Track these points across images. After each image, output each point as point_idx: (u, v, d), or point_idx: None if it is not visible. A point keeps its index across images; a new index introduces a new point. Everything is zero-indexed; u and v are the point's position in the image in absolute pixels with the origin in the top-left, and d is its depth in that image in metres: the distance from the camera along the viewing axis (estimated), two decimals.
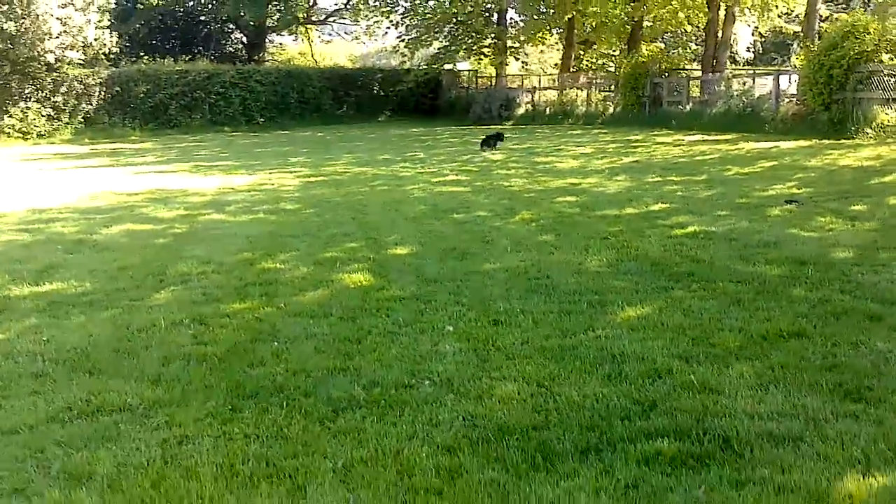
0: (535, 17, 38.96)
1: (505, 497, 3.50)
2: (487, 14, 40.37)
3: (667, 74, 29.25)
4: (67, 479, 3.74)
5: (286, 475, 3.72)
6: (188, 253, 8.86)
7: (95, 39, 32.27)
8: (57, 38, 30.63)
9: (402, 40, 42.00)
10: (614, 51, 41.22)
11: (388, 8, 43.69)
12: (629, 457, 3.77)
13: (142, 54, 37.46)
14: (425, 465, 3.76)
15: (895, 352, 5.06)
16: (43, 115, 31.48)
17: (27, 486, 3.71)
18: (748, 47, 41.22)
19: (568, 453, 3.83)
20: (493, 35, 40.65)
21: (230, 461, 3.84)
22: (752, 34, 38.56)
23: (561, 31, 39.51)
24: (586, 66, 41.35)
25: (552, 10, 36.89)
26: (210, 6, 48.84)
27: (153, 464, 3.86)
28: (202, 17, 50.00)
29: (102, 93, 33.29)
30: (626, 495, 3.49)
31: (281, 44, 57.43)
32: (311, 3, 51.95)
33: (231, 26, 50.94)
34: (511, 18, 41.82)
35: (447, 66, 42.25)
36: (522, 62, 46.51)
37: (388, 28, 46.02)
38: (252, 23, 47.90)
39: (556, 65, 43.86)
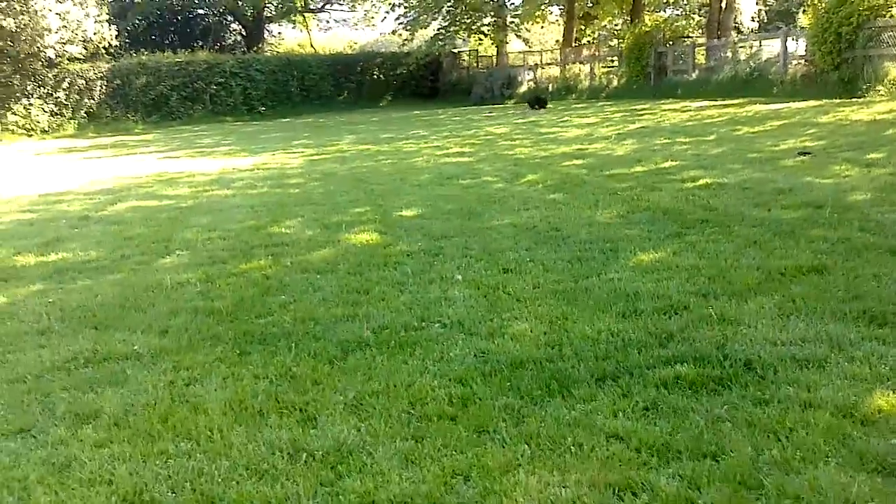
0: None
1: (520, 420, 3.39)
2: None
3: (671, 43, 28.96)
4: (73, 418, 3.66)
5: (296, 408, 3.63)
6: (194, 223, 8.78)
7: (95, 34, 32.20)
8: (56, 33, 30.58)
9: (401, 23, 41.82)
10: (616, 24, 40.97)
11: None
12: (647, 381, 3.66)
13: (141, 50, 37.34)
14: (437, 395, 3.65)
15: None
16: (46, 111, 31.53)
17: (33, 426, 3.62)
18: (752, 16, 40.89)
19: (584, 380, 3.72)
20: (492, 13, 40.43)
21: (239, 398, 3.75)
22: (756, 2, 38.25)
23: (562, 6, 39.27)
24: (589, 40, 41.10)
25: None
26: None
27: (161, 402, 3.77)
28: (200, 11, 49.83)
29: (103, 87, 33.33)
30: (646, 416, 3.37)
31: (280, 33, 57.23)
32: None
33: (229, 18, 50.71)
34: None
35: (447, 48, 42.06)
36: (524, 40, 46.26)
37: (387, 13, 45.91)
38: (250, 13, 47.65)
39: (557, 41, 43.59)
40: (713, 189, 8.48)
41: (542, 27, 47.90)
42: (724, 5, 31.01)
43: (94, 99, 33.03)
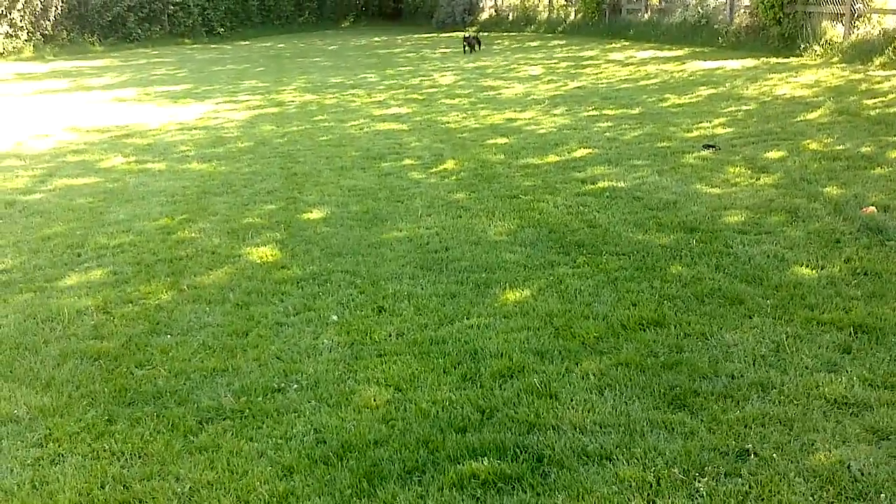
0: None
1: None
2: None
3: None
4: None
5: (137, 500, 4.10)
6: (111, 217, 9.10)
7: None
8: None
9: None
10: None
11: None
12: (446, 479, 4.07)
13: None
14: (260, 491, 4.11)
15: (739, 345, 5.33)
16: (0, 34, 31.07)
17: None
18: None
19: (393, 476, 4.14)
20: None
21: (89, 487, 4.19)
22: None
23: None
24: None
25: None
26: None
27: (22, 488, 4.20)
28: None
29: (59, 7, 32.76)
30: None
31: None
32: None
33: None
34: None
35: None
36: None
37: None
38: None
39: None
40: (606, 197, 8.88)
41: None
42: None
43: (49, 20, 32.55)
